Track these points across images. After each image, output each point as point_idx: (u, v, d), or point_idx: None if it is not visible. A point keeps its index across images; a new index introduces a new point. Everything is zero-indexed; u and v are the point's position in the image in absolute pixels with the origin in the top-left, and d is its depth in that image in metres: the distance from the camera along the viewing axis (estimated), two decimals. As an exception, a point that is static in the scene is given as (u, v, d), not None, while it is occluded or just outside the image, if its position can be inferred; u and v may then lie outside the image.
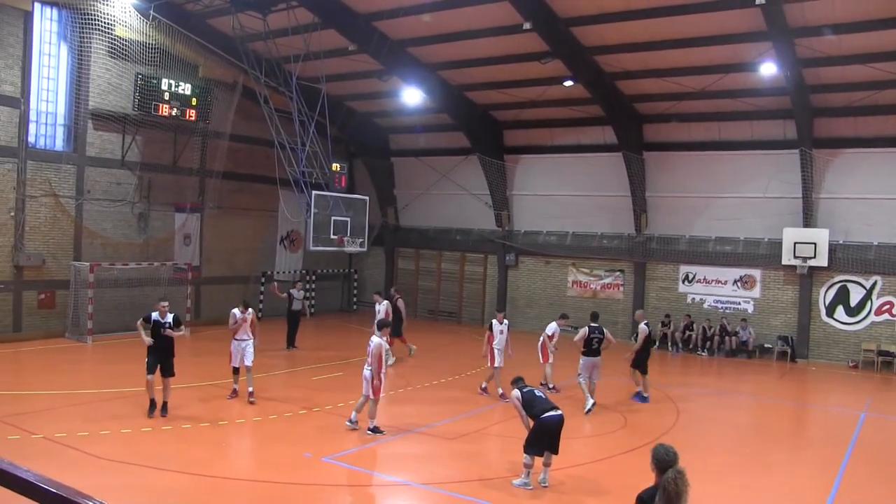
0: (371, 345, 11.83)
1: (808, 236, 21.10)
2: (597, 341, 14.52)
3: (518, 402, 9.89)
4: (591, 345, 14.49)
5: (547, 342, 15.63)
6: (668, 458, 5.33)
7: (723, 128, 22.62)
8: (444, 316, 28.56)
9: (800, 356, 21.65)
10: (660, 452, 5.41)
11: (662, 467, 5.24)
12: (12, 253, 19.17)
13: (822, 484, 10.41)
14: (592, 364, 14.46)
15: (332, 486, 9.78)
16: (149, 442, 10.83)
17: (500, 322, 15.32)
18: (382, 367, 11.83)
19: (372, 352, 11.75)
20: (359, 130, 27.85)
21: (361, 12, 20.29)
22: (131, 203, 21.83)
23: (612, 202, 24.44)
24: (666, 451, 5.39)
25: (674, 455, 5.35)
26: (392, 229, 29.74)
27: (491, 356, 15.05)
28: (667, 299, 23.94)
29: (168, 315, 12.31)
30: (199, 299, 23.92)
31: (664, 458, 5.34)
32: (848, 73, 18.73)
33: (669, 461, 5.28)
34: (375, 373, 11.68)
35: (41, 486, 1.93)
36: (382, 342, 12.02)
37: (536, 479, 9.61)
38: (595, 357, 14.49)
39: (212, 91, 22.51)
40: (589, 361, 14.45)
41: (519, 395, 9.91)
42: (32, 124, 19.66)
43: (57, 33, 20.23)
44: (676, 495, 4.99)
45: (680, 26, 18.01)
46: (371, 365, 11.71)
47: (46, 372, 16.01)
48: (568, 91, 22.32)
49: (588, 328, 14.64)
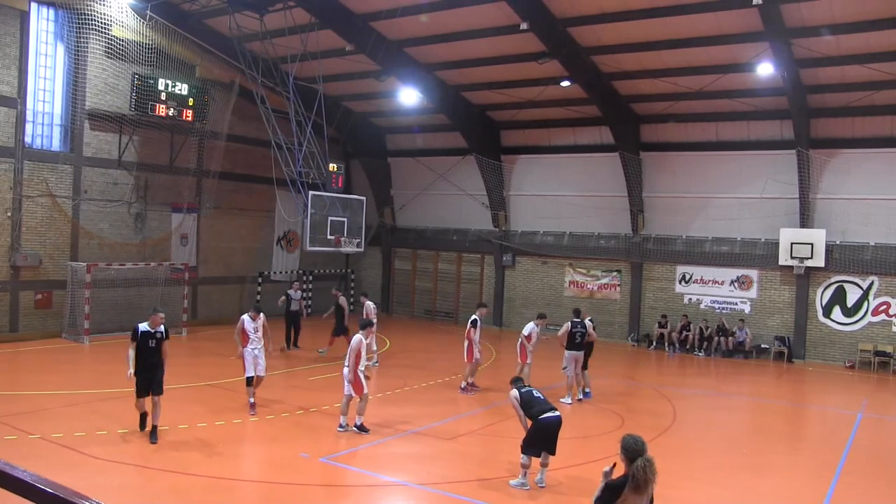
0: (351, 342, 12.01)
1: (804, 237, 21.13)
2: (579, 335, 15.10)
3: (516, 402, 9.89)
4: (574, 339, 15.08)
5: (525, 343, 15.68)
6: (637, 447, 5.51)
7: (720, 128, 22.66)
8: (440, 316, 28.56)
9: (796, 356, 21.68)
10: (628, 442, 5.59)
11: (632, 456, 5.44)
12: (9, 253, 19.14)
13: (818, 484, 10.41)
14: (576, 357, 15.05)
15: (329, 486, 9.77)
16: (145, 442, 10.80)
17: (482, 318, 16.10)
18: (360, 363, 11.84)
19: (350, 348, 11.89)
20: (356, 131, 27.85)
21: (358, 12, 20.29)
22: (128, 203, 21.81)
23: (609, 202, 24.46)
24: (634, 441, 5.57)
25: (642, 444, 5.55)
26: (389, 230, 29.73)
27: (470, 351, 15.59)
28: (664, 300, 23.97)
29: (160, 326, 11.08)
30: (196, 299, 23.90)
31: (633, 447, 5.53)
32: (845, 73, 18.77)
33: (638, 450, 5.48)
34: (352, 369, 11.74)
35: (38, 487, 1.92)
36: (362, 339, 12.07)
37: (533, 480, 9.61)
38: (578, 351, 15.08)
39: (208, 91, 22.50)
40: (572, 355, 15.03)
41: (517, 395, 9.91)
42: (29, 124, 19.63)
43: (53, 33, 20.20)
44: (645, 483, 5.27)
45: (677, 26, 18.04)
46: (349, 362, 11.80)
47: (43, 372, 15.96)
48: (565, 91, 22.34)
49: (571, 323, 15.22)
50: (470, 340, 15.52)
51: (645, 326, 24.14)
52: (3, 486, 2.02)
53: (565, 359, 15.09)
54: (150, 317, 11.05)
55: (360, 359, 11.86)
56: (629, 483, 5.37)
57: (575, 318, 15.38)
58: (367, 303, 18.58)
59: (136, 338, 10.93)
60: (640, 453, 5.46)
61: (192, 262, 23.13)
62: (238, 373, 14.38)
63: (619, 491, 5.44)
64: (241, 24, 19.60)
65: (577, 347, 15.03)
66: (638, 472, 5.32)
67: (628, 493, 5.40)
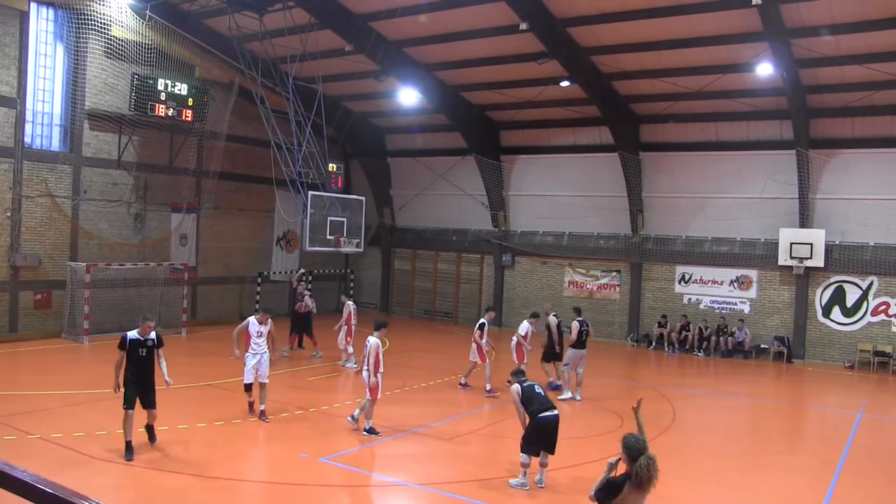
0: (367, 345, 11.80)
1: (804, 237, 21.13)
2: (585, 333, 15.41)
3: (517, 397, 9.83)
4: (580, 337, 15.34)
5: (522, 342, 15.82)
6: (639, 445, 5.64)
7: (719, 128, 22.67)
8: (440, 316, 28.56)
9: (796, 357, 21.69)
10: (630, 441, 5.69)
11: (634, 455, 5.55)
12: (9, 253, 19.13)
13: (817, 485, 10.42)
14: (580, 356, 15.28)
15: (329, 486, 9.77)
16: (145, 443, 10.79)
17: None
18: (379, 366, 11.76)
19: (368, 352, 11.74)
20: (355, 131, 27.86)
21: (358, 13, 20.29)
22: (128, 203, 21.81)
23: (609, 202, 24.46)
24: (636, 440, 5.69)
25: (644, 443, 5.67)
26: (388, 230, 29.73)
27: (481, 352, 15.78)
28: (663, 300, 23.97)
29: (151, 333, 10.44)
30: (196, 300, 23.89)
31: (635, 445, 5.64)
32: (844, 73, 18.77)
33: (640, 448, 5.61)
34: (372, 372, 11.65)
35: (37, 487, 1.93)
36: (377, 341, 11.89)
37: (533, 480, 9.61)
38: (583, 349, 15.32)
39: (208, 91, 22.50)
40: (577, 353, 15.25)
41: (519, 390, 9.84)
42: (29, 124, 19.62)
43: (53, 33, 20.20)
44: (648, 480, 5.41)
45: (677, 27, 18.04)
46: (367, 366, 11.70)
47: (43, 372, 15.96)
48: (565, 91, 22.34)
49: (578, 322, 15.51)
50: (478, 344, 15.67)
51: (644, 326, 24.15)
52: (2, 486, 2.02)
53: (568, 357, 15.31)
54: (140, 324, 10.42)
55: (379, 362, 11.74)
56: (631, 481, 5.46)
57: (579, 318, 15.66)
58: (348, 303, 18.39)
59: (123, 347, 10.28)
60: (642, 451, 5.56)
61: (191, 263, 23.12)
62: (237, 373, 14.40)
63: (619, 489, 5.52)
64: (241, 25, 19.60)
65: (582, 346, 15.31)
66: (641, 469, 5.42)
67: (630, 490, 5.48)
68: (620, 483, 5.54)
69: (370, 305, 29.65)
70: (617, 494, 5.49)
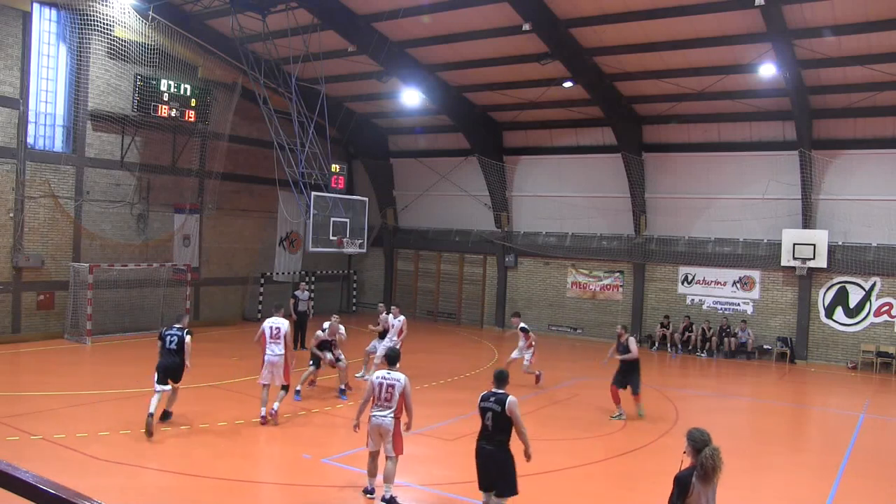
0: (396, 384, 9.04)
1: (807, 237, 21.11)
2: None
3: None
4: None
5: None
6: (704, 437, 5.76)
7: (722, 129, 22.64)
8: (443, 317, 28.56)
9: (799, 357, 21.66)
10: (695, 434, 5.83)
11: (699, 447, 5.68)
12: (11, 254, 19.16)
13: (820, 485, 10.40)
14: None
15: (332, 487, 9.76)
16: (147, 443, 10.81)
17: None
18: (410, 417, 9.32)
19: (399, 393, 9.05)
20: (358, 131, 27.87)
21: (361, 13, 20.30)
22: (130, 204, 21.83)
23: (612, 203, 24.45)
24: (701, 433, 5.81)
25: (708, 435, 5.79)
26: (391, 230, 29.74)
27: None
28: (666, 300, 23.95)
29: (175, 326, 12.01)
30: (199, 300, 23.92)
31: (700, 438, 5.77)
32: (847, 74, 18.75)
33: (705, 441, 5.73)
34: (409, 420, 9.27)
35: (40, 488, 1.93)
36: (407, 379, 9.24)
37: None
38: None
39: (211, 92, 22.51)
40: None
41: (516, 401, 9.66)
42: (31, 125, 19.65)
43: (56, 34, 20.22)
44: (713, 470, 5.53)
45: (679, 27, 18.03)
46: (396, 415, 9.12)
47: (45, 373, 15.97)
48: (567, 92, 22.33)
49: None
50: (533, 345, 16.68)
51: (647, 327, 24.12)
52: (5, 487, 2.03)
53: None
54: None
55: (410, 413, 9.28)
56: (697, 472, 5.57)
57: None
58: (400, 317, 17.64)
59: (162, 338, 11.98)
60: (707, 443, 5.68)
61: (194, 263, 23.15)
62: (238, 374, 14.45)
63: (688, 482, 5.61)
64: (244, 25, 19.61)
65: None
66: (706, 460, 5.52)
67: (696, 482, 5.57)
68: (688, 476, 5.63)
69: (372, 306, 29.61)
70: (687, 489, 5.57)
